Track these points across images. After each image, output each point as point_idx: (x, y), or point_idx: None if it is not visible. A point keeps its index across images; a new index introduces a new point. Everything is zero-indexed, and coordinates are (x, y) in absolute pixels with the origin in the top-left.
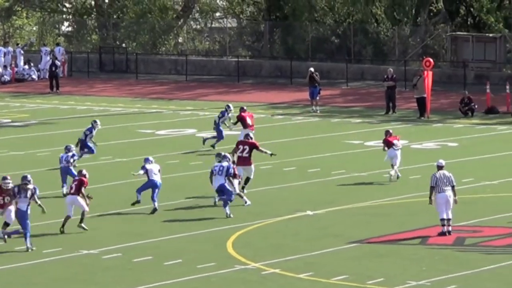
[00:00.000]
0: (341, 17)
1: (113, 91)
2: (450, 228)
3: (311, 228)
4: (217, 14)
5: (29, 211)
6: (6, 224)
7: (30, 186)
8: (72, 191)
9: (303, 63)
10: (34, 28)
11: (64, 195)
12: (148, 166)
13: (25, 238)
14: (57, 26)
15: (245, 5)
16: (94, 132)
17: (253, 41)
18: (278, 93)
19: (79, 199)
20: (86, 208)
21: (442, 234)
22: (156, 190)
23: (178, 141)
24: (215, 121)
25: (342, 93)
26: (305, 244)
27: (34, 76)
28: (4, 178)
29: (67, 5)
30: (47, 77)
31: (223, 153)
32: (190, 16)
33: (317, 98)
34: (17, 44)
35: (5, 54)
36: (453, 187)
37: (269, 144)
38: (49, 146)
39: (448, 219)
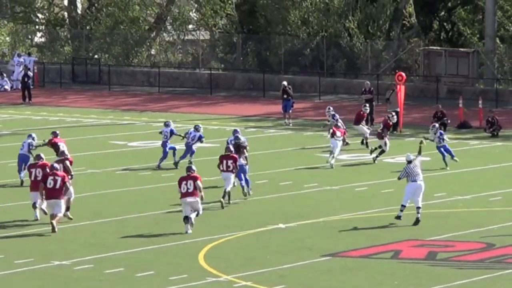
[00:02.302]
0: (314, 31)
1: (85, 102)
2: (419, 216)
3: (283, 241)
4: (190, 26)
5: None
6: None
7: None
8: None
9: (276, 76)
10: (7, 39)
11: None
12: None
13: None
14: (29, 36)
15: (218, 17)
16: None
17: (226, 54)
18: (250, 105)
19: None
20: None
21: (398, 217)
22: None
23: (150, 153)
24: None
25: (314, 106)
26: (277, 257)
27: (6, 87)
28: None
29: (40, 15)
30: (19, 87)
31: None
32: (163, 28)
33: (290, 111)
34: None
35: None
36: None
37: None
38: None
39: (418, 207)
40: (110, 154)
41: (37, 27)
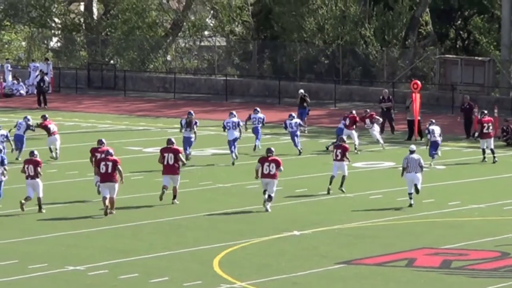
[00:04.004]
0: (330, 38)
1: (101, 107)
2: (412, 201)
3: (298, 248)
4: (206, 32)
5: None
6: None
7: None
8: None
9: (292, 83)
10: (23, 43)
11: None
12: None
13: None
14: (45, 41)
15: (234, 24)
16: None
17: (241, 60)
18: (266, 112)
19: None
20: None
21: (410, 206)
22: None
23: None
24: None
25: (330, 114)
26: (292, 264)
27: (22, 92)
28: None
29: (56, 20)
30: (35, 92)
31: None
32: (179, 34)
33: (305, 118)
34: (6, 59)
35: None
36: (421, 167)
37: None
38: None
39: (417, 189)
40: (125, 160)
41: (53, 32)
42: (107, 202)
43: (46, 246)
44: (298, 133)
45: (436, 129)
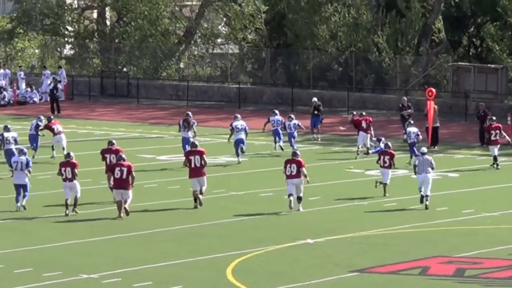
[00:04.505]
0: (343, 46)
1: (114, 115)
2: (427, 203)
3: (311, 256)
4: (219, 40)
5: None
6: None
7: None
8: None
9: (305, 91)
10: (36, 51)
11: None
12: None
13: None
14: (59, 49)
15: (247, 31)
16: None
17: (254, 68)
18: None
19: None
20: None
21: (421, 202)
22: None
23: (179, 167)
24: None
25: (343, 121)
26: (305, 272)
27: (35, 99)
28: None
29: (69, 28)
30: (48, 100)
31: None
32: (192, 41)
33: (319, 126)
34: (20, 67)
35: (2, 77)
36: (432, 168)
37: (269, 172)
38: (49, 170)
39: (426, 196)
40: (138, 168)
41: (66, 39)
42: (122, 208)
43: (60, 254)
44: (296, 134)
45: (413, 130)
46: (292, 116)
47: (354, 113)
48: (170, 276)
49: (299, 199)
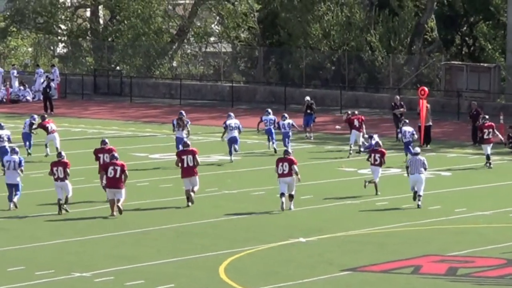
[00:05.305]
0: (336, 44)
1: (107, 114)
2: (420, 203)
3: (304, 255)
4: (212, 38)
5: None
6: None
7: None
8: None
9: (298, 89)
10: (29, 49)
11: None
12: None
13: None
14: (52, 47)
15: (240, 30)
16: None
17: (247, 66)
18: None
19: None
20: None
21: (414, 199)
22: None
23: (171, 165)
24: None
25: (336, 120)
26: (298, 271)
27: (28, 98)
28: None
29: (62, 26)
30: (41, 98)
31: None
32: (185, 40)
33: (311, 125)
34: (13, 65)
35: None
36: (425, 169)
37: (262, 171)
38: (42, 168)
39: (419, 195)
40: (131, 166)
41: (59, 38)
42: (115, 206)
43: (52, 252)
44: (290, 133)
45: (408, 129)
46: (286, 115)
47: (349, 112)
48: (162, 274)
49: (291, 197)
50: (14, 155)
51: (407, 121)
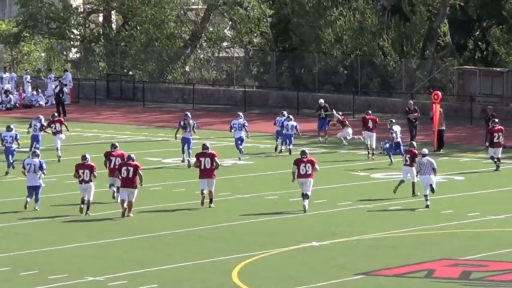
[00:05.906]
0: (348, 49)
1: (120, 118)
2: (428, 203)
3: (317, 259)
4: (225, 43)
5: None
6: None
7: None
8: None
9: (310, 94)
10: (42, 55)
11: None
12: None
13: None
14: (64, 52)
15: (252, 35)
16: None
17: (260, 71)
18: None
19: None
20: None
21: (426, 207)
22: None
23: (184, 169)
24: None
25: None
26: (311, 276)
27: (41, 102)
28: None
29: (75, 32)
30: (54, 103)
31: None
32: (198, 45)
33: (326, 128)
34: (25, 70)
35: (8, 80)
36: (434, 169)
37: (275, 174)
38: (55, 173)
39: (432, 189)
40: (144, 171)
41: (72, 43)
42: (125, 204)
43: (65, 256)
44: (293, 138)
45: (398, 129)
46: (291, 117)
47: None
48: (175, 278)
49: (307, 196)
50: (35, 158)
51: (393, 120)
